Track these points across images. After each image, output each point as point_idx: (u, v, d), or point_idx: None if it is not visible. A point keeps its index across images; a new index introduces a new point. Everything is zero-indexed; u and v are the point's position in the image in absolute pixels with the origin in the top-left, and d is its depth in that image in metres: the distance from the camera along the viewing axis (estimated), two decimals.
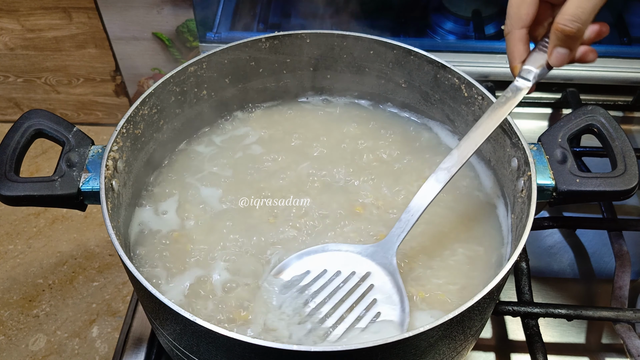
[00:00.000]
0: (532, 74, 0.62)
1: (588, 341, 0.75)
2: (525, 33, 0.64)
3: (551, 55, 0.61)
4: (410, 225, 0.59)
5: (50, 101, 1.67)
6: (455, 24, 1.17)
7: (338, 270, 0.60)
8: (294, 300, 0.59)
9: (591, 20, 0.58)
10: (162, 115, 0.71)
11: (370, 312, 0.57)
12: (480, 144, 0.60)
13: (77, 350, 1.32)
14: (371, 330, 0.55)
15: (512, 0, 0.63)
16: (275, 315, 0.58)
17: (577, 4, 0.57)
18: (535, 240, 0.85)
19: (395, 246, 0.59)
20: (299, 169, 0.74)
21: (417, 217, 0.59)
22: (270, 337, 0.56)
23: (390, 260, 0.59)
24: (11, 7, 1.42)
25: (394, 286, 0.58)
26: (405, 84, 0.77)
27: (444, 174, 0.60)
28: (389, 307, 0.57)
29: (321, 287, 0.59)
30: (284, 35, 0.74)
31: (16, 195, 0.59)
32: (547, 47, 0.63)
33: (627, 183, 0.59)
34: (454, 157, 0.60)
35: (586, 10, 0.57)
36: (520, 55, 0.64)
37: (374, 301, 0.57)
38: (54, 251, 1.49)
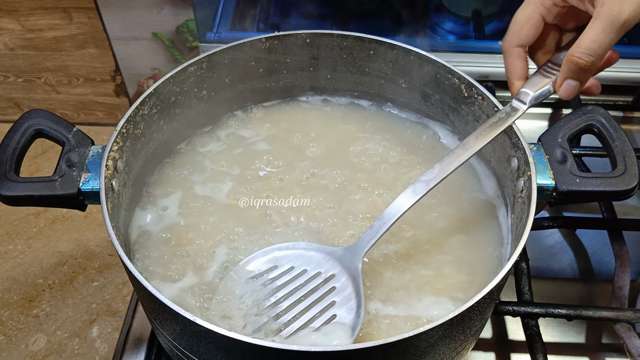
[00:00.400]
0: (529, 97, 0.63)
1: (588, 341, 0.75)
2: (523, 51, 0.63)
3: (560, 87, 0.60)
4: (381, 233, 0.59)
5: (50, 101, 1.67)
6: (455, 24, 1.17)
7: (304, 269, 0.60)
8: (256, 292, 0.60)
9: (606, 53, 0.57)
10: (162, 115, 0.71)
11: (326, 314, 0.57)
12: (463, 162, 0.60)
13: (77, 350, 1.32)
14: (322, 331, 0.55)
15: (517, 17, 0.62)
16: (235, 304, 0.59)
17: (593, 37, 0.55)
18: (535, 240, 0.85)
19: (363, 252, 0.59)
20: (299, 169, 0.74)
21: (389, 225, 0.59)
22: (225, 324, 0.58)
23: (356, 265, 0.59)
24: (11, 7, 1.42)
25: (354, 291, 0.58)
26: (405, 84, 0.77)
27: (422, 186, 0.60)
28: (345, 311, 0.57)
29: (284, 283, 0.60)
30: (284, 35, 0.74)
31: (16, 195, 0.59)
32: (549, 73, 0.62)
33: (627, 183, 0.59)
34: (434, 171, 0.60)
35: (603, 44, 0.55)
36: (517, 73, 0.64)
37: (332, 303, 0.58)
38: (54, 251, 1.49)
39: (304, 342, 0.55)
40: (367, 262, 0.65)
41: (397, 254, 0.66)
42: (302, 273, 0.60)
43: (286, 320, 0.57)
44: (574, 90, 0.60)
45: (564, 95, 0.61)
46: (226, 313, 0.59)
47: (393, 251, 0.66)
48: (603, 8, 0.54)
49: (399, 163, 0.75)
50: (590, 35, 0.56)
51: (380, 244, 0.66)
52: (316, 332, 0.55)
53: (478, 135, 0.62)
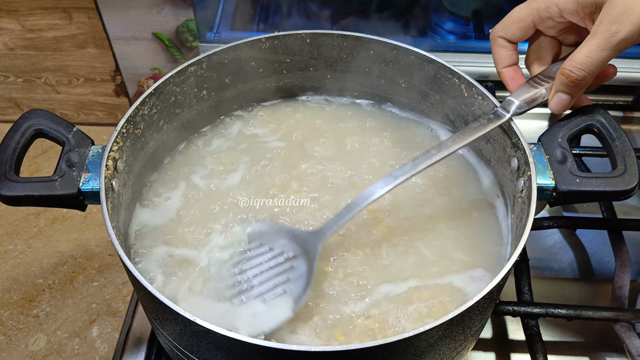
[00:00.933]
0: (514, 106, 0.63)
1: (588, 341, 0.75)
2: (507, 42, 0.63)
3: (552, 100, 0.61)
4: (345, 221, 0.62)
5: (50, 101, 1.67)
6: (455, 24, 1.17)
7: (271, 247, 0.65)
8: (222, 262, 0.65)
9: (599, 70, 0.57)
10: (162, 115, 0.71)
11: (278, 289, 0.61)
12: (435, 162, 0.61)
13: (77, 350, 1.32)
14: (270, 304, 0.60)
15: (512, 13, 0.62)
16: (201, 271, 0.64)
17: (587, 53, 0.56)
18: (535, 240, 0.85)
19: (325, 237, 0.63)
20: (299, 169, 0.74)
21: (353, 214, 0.61)
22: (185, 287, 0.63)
23: (315, 248, 0.62)
24: (11, 7, 1.42)
25: (307, 271, 0.62)
26: (405, 84, 0.77)
27: (391, 180, 0.61)
28: (295, 288, 0.61)
29: (249, 257, 0.64)
30: (284, 35, 0.74)
31: (16, 195, 0.59)
32: (539, 84, 0.63)
33: (627, 183, 0.59)
34: (406, 168, 0.62)
35: (595, 60, 0.56)
36: (501, 61, 0.64)
37: (287, 280, 0.62)
38: (54, 251, 1.49)
39: (249, 310, 0.59)
40: (367, 260, 0.65)
41: (395, 252, 0.66)
42: (267, 251, 0.64)
43: (242, 289, 0.61)
44: (565, 104, 0.61)
45: (555, 108, 0.61)
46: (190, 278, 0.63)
47: (391, 249, 0.66)
48: (600, 26, 0.55)
49: (398, 163, 0.75)
50: (585, 51, 0.56)
51: (381, 242, 0.66)
52: (264, 303, 0.60)
53: (456, 138, 0.63)
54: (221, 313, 0.60)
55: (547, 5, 0.58)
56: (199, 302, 0.62)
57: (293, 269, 0.62)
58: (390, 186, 0.61)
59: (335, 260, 0.65)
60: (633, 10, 0.53)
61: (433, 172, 0.74)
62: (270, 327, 0.58)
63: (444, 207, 0.71)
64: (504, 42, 0.63)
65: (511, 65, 0.65)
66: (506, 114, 0.63)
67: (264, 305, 0.60)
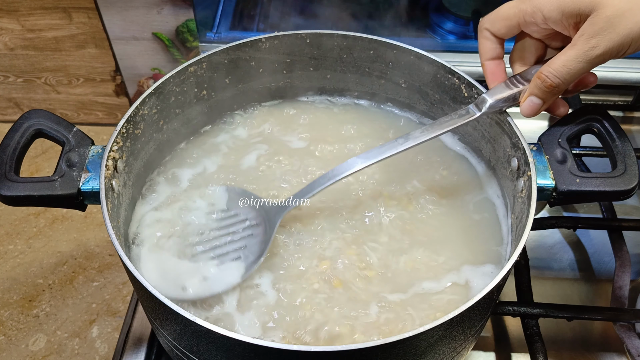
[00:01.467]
0: (486, 104, 0.63)
1: (588, 341, 0.75)
2: (491, 35, 0.63)
3: (524, 102, 0.61)
4: (306, 197, 0.64)
5: (50, 101, 1.67)
6: (455, 24, 1.17)
7: (237, 213, 0.67)
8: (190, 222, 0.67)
9: (575, 80, 0.58)
10: (162, 115, 0.71)
11: (234, 254, 0.63)
12: (399, 152, 0.63)
13: (77, 350, 1.32)
14: (222, 267, 0.63)
15: (501, 9, 0.62)
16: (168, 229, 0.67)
17: (564, 61, 0.56)
18: (535, 240, 0.85)
19: (285, 211, 0.65)
20: (299, 169, 0.74)
21: (314, 192, 0.64)
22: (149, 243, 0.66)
23: (276, 220, 0.64)
24: (11, 7, 1.42)
25: (264, 241, 0.64)
26: (405, 84, 0.77)
27: (360, 162, 0.63)
28: (250, 255, 0.63)
29: (215, 219, 0.67)
30: (284, 35, 0.74)
31: (16, 195, 0.59)
32: (514, 85, 0.62)
33: (627, 183, 0.59)
34: (372, 153, 0.63)
35: (571, 70, 0.56)
36: (485, 53, 0.64)
37: (244, 246, 0.64)
38: (54, 251, 1.49)
39: (202, 272, 0.62)
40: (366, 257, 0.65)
41: (393, 252, 0.66)
42: (232, 216, 0.67)
43: (201, 250, 0.64)
44: (536, 109, 0.61)
45: (525, 111, 0.61)
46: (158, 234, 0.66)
47: (390, 248, 0.66)
48: (581, 38, 0.55)
49: (398, 163, 0.75)
50: (563, 59, 0.56)
51: (381, 242, 0.66)
52: (217, 267, 0.63)
53: (425, 130, 0.63)
54: (176, 269, 0.63)
55: (533, 10, 0.58)
56: (161, 255, 0.64)
57: (252, 236, 0.65)
58: (353, 171, 0.63)
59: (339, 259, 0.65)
60: (614, 28, 0.53)
61: (433, 172, 0.74)
62: (216, 291, 0.61)
63: (443, 207, 0.71)
64: (490, 35, 0.63)
65: (494, 59, 0.64)
66: (477, 112, 0.63)
67: (216, 269, 0.62)
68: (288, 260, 0.65)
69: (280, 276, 0.63)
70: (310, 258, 0.65)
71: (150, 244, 0.66)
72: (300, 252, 0.65)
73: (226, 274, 0.62)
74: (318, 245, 0.66)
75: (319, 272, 0.64)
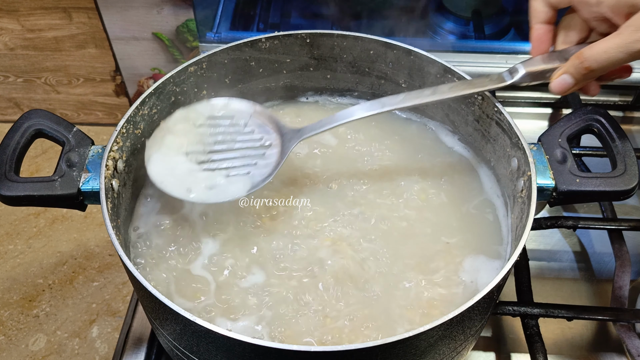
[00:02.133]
0: (519, 74, 0.62)
1: (588, 341, 0.75)
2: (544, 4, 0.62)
3: (556, 79, 0.60)
4: (325, 128, 0.65)
5: (50, 101, 1.67)
6: (455, 24, 1.17)
7: (253, 129, 0.68)
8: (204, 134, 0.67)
9: (612, 69, 0.57)
10: (162, 115, 0.71)
11: (244, 169, 0.65)
12: (426, 102, 0.63)
13: (77, 350, 1.32)
14: (230, 180, 0.64)
15: None
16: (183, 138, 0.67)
17: (606, 48, 0.56)
18: (535, 240, 0.85)
19: (304, 136, 0.65)
20: (299, 170, 0.74)
21: (334, 125, 0.65)
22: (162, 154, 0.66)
23: (291, 144, 0.65)
24: (11, 7, 1.42)
25: (275, 162, 0.65)
26: (405, 84, 0.77)
27: (378, 106, 0.64)
28: (259, 173, 0.65)
29: (230, 132, 0.67)
30: (284, 35, 0.74)
31: (16, 195, 0.59)
32: (552, 61, 0.62)
33: (627, 183, 0.59)
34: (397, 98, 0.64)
35: (611, 58, 0.55)
36: (535, 15, 0.63)
37: (255, 163, 0.65)
38: (54, 251, 1.49)
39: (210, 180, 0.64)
40: (366, 252, 0.65)
41: (391, 253, 0.66)
42: (249, 132, 0.67)
43: (213, 158, 0.65)
44: (566, 87, 0.60)
45: (555, 87, 0.60)
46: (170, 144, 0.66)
47: (388, 248, 0.66)
48: (628, 28, 0.54)
49: (398, 163, 0.75)
50: (605, 45, 0.56)
51: (380, 239, 0.66)
52: (225, 178, 0.64)
53: (453, 86, 0.63)
54: (184, 172, 0.64)
55: None
56: (170, 156, 0.65)
57: (264, 156, 0.66)
58: (375, 112, 0.63)
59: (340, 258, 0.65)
60: None
61: (433, 172, 0.74)
62: (219, 200, 0.63)
63: (443, 206, 0.71)
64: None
65: (545, 23, 0.63)
66: (508, 80, 0.63)
67: (224, 180, 0.64)
68: (284, 260, 0.65)
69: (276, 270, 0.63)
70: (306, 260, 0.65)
71: (161, 142, 0.66)
72: (298, 251, 0.65)
73: (232, 187, 0.63)
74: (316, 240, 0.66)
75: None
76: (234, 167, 0.64)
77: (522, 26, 1.16)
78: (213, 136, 0.67)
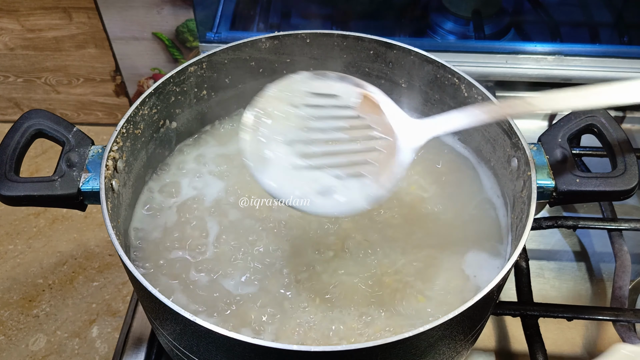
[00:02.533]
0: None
1: (588, 341, 0.75)
2: None
3: None
4: (452, 130, 0.54)
5: (50, 101, 1.67)
6: (455, 24, 1.17)
7: (360, 115, 0.53)
8: (304, 117, 0.54)
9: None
10: (162, 115, 0.71)
11: (358, 168, 0.51)
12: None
13: (77, 350, 1.32)
14: (346, 185, 0.50)
15: None
16: (282, 118, 0.53)
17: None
18: (535, 240, 0.85)
19: (429, 136, 0.52)
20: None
21: (456, 129, 0.54)
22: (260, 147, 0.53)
23: (416, 145, 0.52)
24: (11, 7, 1.42)
25: (396, 165, 0.52)
26: (405, 84, 0.77)
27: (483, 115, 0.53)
28: (375, 175, 0.51)
29: (335, 117, 0.53)
30: (284, 35, 0.74)
31: (16, 195, 0.59)
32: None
33: (627, 183, 0.59)
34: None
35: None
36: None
37: (368, 162, 0.52)
38: (54, 251, 1.49)
39: (318, 184, 0.50)
40: (364, 252, 0.65)
41: (390, 250, 0.66)
42: (363, 126, 0.53)
43: (317, 152, 0.51)
44: None
45: None
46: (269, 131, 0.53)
47: (387, 248, 0.66)
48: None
49: None
50: None
51: (381, 239, 0.66)
52: (338, 181, 0.50)
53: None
54: (288, 169, 0.51)
55: None
56: (271, 148, 0.52)
57: (380, 155, 0.51)
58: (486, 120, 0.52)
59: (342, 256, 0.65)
60: None
61: (433, 172, 0.74)
62: (337, 213, 0.49)
63: (443, 207, 0.71)
64: None
65: None
66: None
67: (337, 183, 0.49)
68: None
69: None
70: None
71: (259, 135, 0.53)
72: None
73: (350, 194, 0.49)
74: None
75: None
76: (345, 166, 0.50)
77: (522, 26, 1.16)
78: (316, 121, 0.52)
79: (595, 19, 1.19)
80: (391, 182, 0.51)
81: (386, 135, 0.52)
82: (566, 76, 1.01)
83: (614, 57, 1.01)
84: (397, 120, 0.53)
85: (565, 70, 1.00)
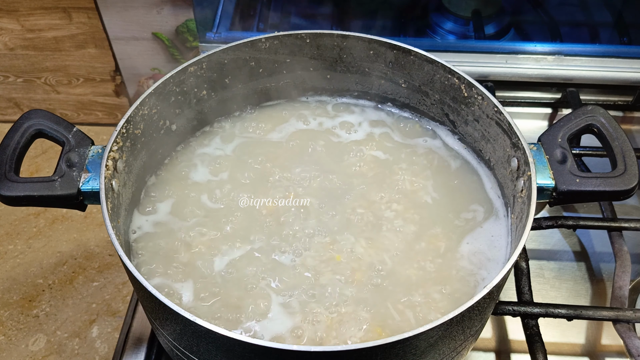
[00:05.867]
0: None
1: (588, 341, 0.75)
2: None
3: None
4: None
5: (50, 101, 1.67)
6: (455, 24, 1.17)
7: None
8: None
9: None
10: (162, 115, 0.71)
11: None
12: None
13: (77, 350, 1.32)
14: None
15: None
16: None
17: None
18: (535, 240, 0.85)
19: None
20: (300, 169, 0.74)
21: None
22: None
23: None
24: (11, 7, 1.42)
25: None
26: (405, 84, 0.77)
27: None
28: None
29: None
30: (284, 35, 0.74)
31: (16, 195, 0.59)
32: None
33: (627, 183, 0.59)
34: None
35: None
36: None
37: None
38: (54, 251, 1.49)
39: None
40: (367, 251, 0.65)
41: (392, 255, 0.66)
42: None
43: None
44: None
45: None
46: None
47: (387, 250, 0.66)
48: None
49: (397, 163, 0.75)
50: None
51: (381, 236, 0.66)
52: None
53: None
54: None
55: None
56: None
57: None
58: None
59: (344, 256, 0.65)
60: None
61: (433, 172, 0.74)
62: None
63: (443, 207, 0.71)
64: None
65: None
66: None
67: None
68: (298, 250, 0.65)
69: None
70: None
71: None
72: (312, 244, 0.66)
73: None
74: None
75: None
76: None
77: (522, 26, 1.16)
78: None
79: (595, 19, 1.19)
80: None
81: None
82: (566, 76, 1.01)
83: (614, 57, 1.01)
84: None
85: (565, 70, 1.00)
